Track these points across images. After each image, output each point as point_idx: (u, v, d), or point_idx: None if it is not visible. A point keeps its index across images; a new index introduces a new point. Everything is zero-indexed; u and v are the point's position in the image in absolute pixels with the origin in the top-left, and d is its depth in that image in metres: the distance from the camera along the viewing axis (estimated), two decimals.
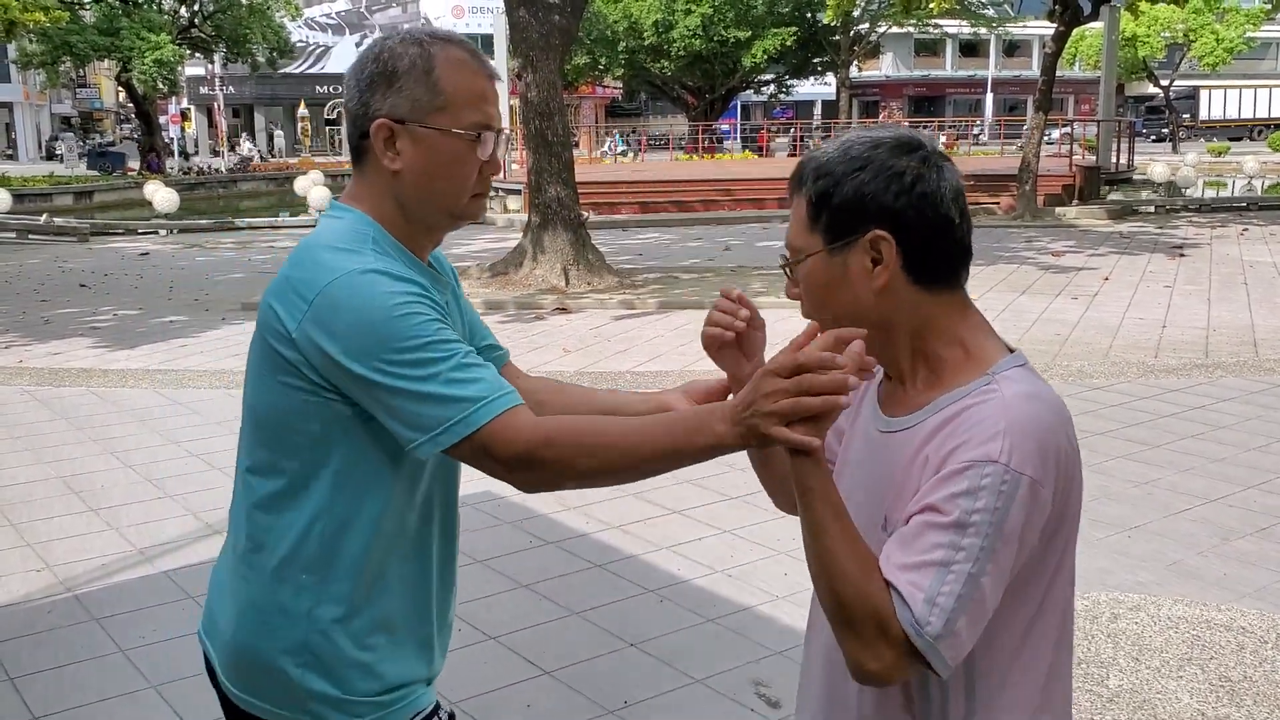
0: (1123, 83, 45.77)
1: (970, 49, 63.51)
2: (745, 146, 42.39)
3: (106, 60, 36.38)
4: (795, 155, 38.52)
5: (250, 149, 45.22)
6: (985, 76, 59.29)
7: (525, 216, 12.54)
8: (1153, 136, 52.73)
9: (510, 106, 21.70)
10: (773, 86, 48.17)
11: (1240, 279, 12.08)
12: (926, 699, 1.37)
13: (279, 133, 51.23)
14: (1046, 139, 25.52)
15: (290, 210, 24.52)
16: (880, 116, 58.56)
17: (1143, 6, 23.44)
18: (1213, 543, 4.65)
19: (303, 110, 49.27)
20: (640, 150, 40.99)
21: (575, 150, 15.25)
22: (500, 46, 23.86)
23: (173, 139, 41.38)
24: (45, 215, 20.53)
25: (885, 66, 64.26)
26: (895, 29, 46.03)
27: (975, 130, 48.88)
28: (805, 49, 43.80)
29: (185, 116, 46.97)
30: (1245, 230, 17.12)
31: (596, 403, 1.85)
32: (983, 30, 48.22)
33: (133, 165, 35.46)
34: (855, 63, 47.85)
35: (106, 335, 9.64)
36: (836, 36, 43.02)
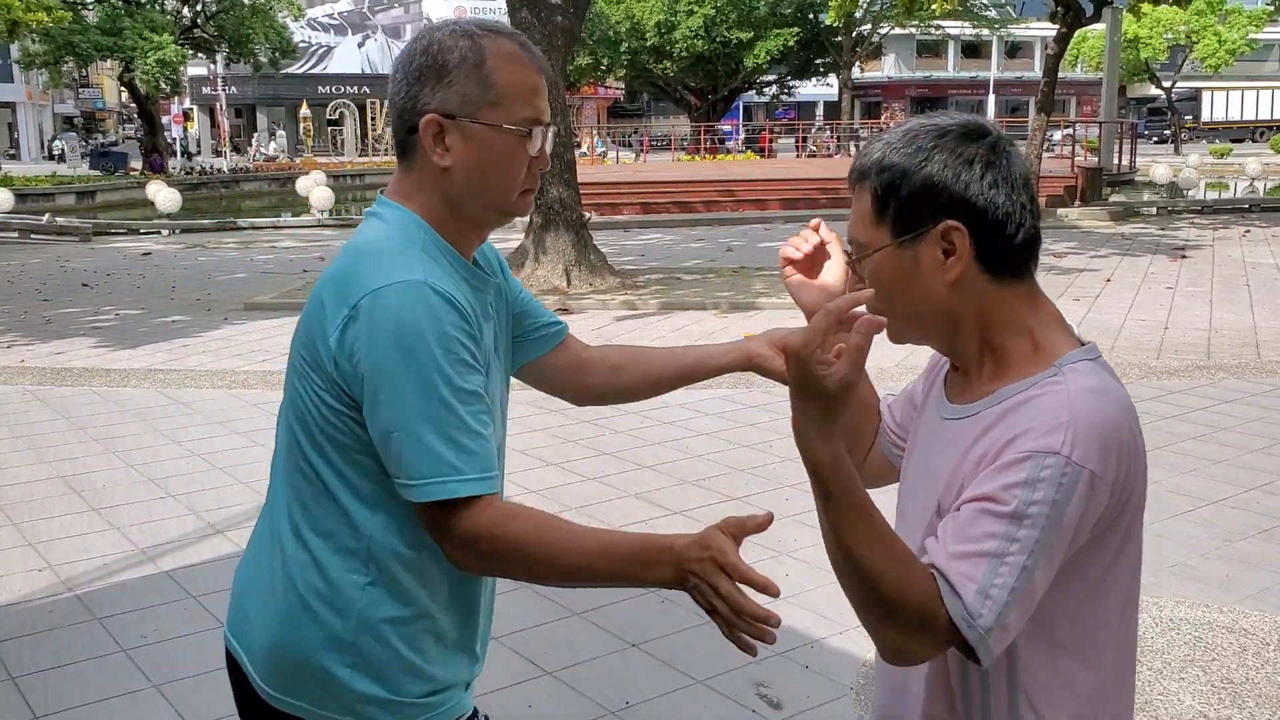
0: (1125, 84, 45.80)
1: (972, 50, 63.52)
2: (748, 147, 42.39)
3: (109, 60, 36.38)
4: (799, 156, 38.59)
5: (276, 148, 45.39)
6: (987, 78, 59.36)
7: (526, 217, 12.53)
8: (1155, 138, 52.70)
9: None
10: (775, 87, 48.21)
11: (1242, 281, 12.07)
12: (981, 705, 1.36)
13: (281, 133, 51.32)
14: (1048, 140, 25.56)
15: (292, 211, 24.55)
16: (882, 118, 58.55)
17: (1145, 8, 23.45)
18: (1215, 544, 4.65)
19: (305, 110, 49.31)
20: (643, 151, 40.99)
21: (577, 151, 15.26)
22: None
23: (175, 139, 41.45)
24: (48, 215, 20.54)
25: (887, 67, 64.30)
26: (897, 30, 46.12)
27: None
28: (807, 50, 43.83)
29: (188, 116, 47.08)
30: (1247, 232, 17.11)
31: (675, 363, 1.85)
32: (985, 32, 48.28)
33: (135, 165, 35.50)
34: (857, 64, 47.86)
35: (108, 335, 9.64)
36: (839, 37, 43.02)
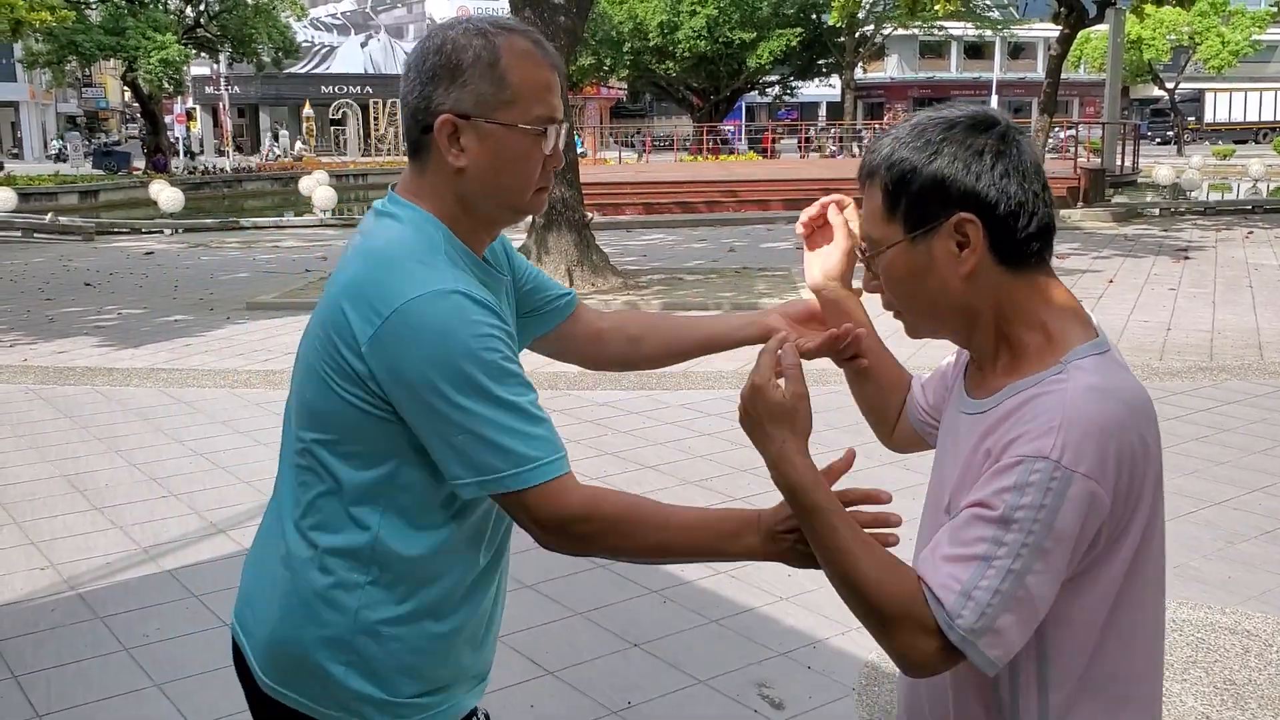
0: (1128, 85, 45.81)
1: (975, 51, 63.45)
2: (750, 148, 42.37)
3: (112, 60, 36.42)
4: (802, 156, 38.57)
5: (301, 146, 45.43)
6: (990, 79, 59.30)
7: (529, 217, 12.54)
8: (1158, 139, 52.67)
9: None
10: (777, 88, 48.18)
11: (1245, 282, 12.05)
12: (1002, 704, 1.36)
13: (284, 132, 51.33)
14: (1051, 141, 25.56)
15: (295, 210, 24.56)
16: (885, 118, 58.53)
17: (1148, 9, 23.44)
18: (1217, 546, 4.64)
19: (308, 110, 49.33)
20: (645, 151, 40.98)
21: (580, 151, 15.25)
22: None
23: (178, 138, 41.43)
24: (50, 214, 20.55)
25: (890, 68, 64.25)
26: (900, 31, 46.06)
27: None
28: (810, 50, 43.79)
29: (190, 116, 47.04)
30: (1250, 233, 17.08)
31: (694, 334, 1.89)
32: (988, 32, 48.22)
33: (138, 165, 35.52)
34: (860, 64, 47.83)
35: (111, 334, 9.65)
36: (841, 38, 43.00)
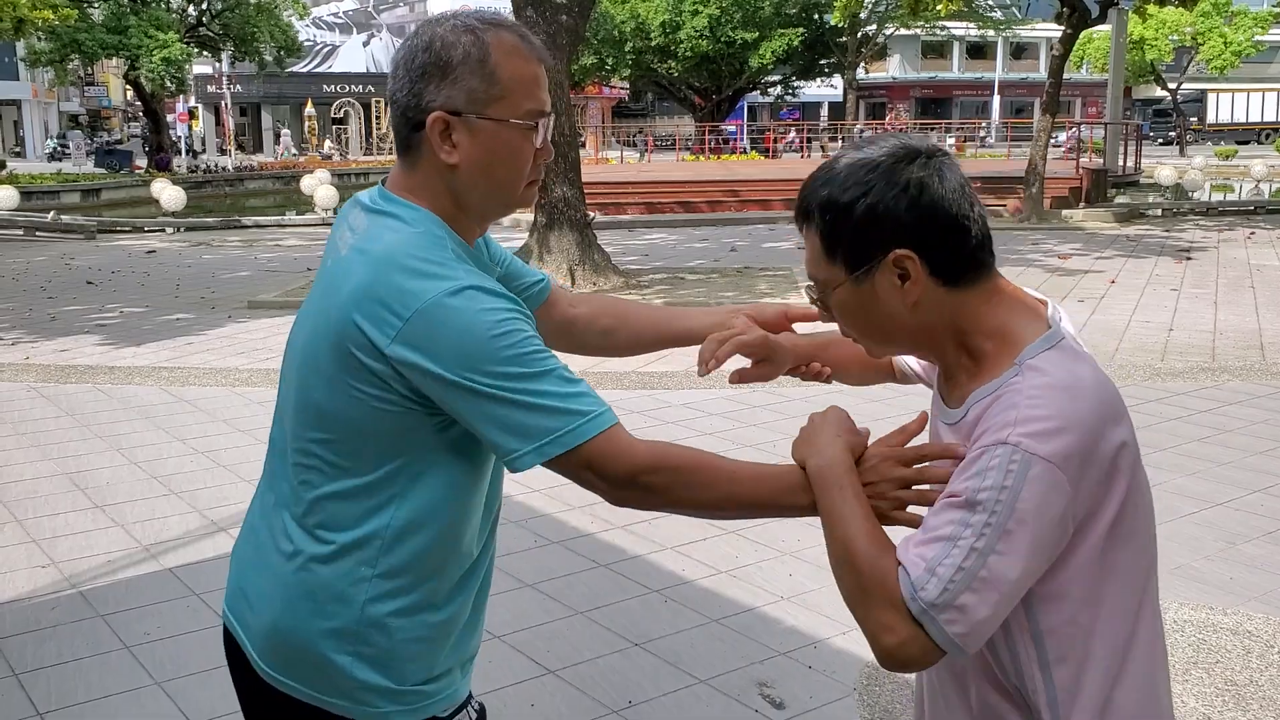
0: (1130, 86, 45.73)
1: (977, 51, 63.42)
2: (752, 147, 42.37)
3: (114, 58, 36.44)
4: (803, 156, 38.57)
5: (330, 146, 45.38)
6: (992, 79, 59.33)
7: (531, 216, 12.52)
8: (1160, 140, 52.64)
9: None
10: (779, 88, 48.17)
11: (1247, 283, 12.04)
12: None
13: (286, 131, 51.32)
14: (1053, 142, 25.54)
15: (297, 209, 24.57)
16: (887, 118, 58.53)
17: (1151, 9, 23.37)
18: (1218, 546, 4.64)
19: (310, 109, 49.35)
20: (647, 150, 40.98)
21: (582, 150, 15.25)
22: None
23: (180, 137, 41.46)
24: (52, 213, 20.56)
25: (892, 68, 64.24)
26: (902, 31, 46.04)
27: (982, 133, 48.85)
28: (812, 50, 43.76)
29: (193, 115, 47.05)
30: (1252, 234, 17.06)
31: (664, 329, 1.92)
32: (990, 32, 48.20)
33: (140, 163, 35.54)
34: (862, 64, 47.83)
35: (113, 332, 9.65)
36: (843, 38, 43.00)
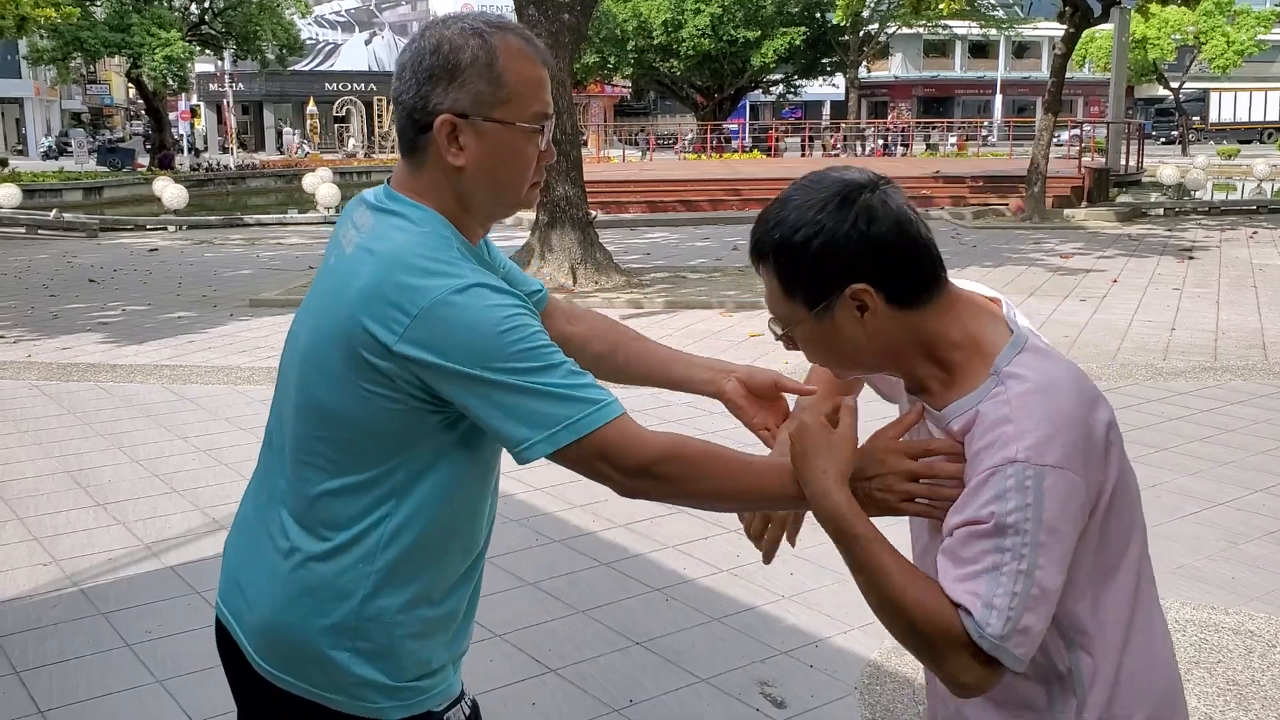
0: (1132, 85, 45.70)
1: (980, 50, 63.37)
2: (754, 146, 42.36)
3: (117, 57, 36.44)
4: (805, 155, 38.54)
5: (355, 144, 45.21)
6: (995, 78, 59.24)
7: (533, 215, 12.51)
8: (1162, 139, 52.60)
9: None
10: (781, 87, 48.14)
11: (1249, 282, 12.03)
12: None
13: (287, 130, 51.32)
14: (1056, 141, 25.50)
15: (299, 207, 24.58)
16: (889, 117, 58.48)
17: (1153, 8, 23.37)
18: (1220, 546, 4.63)
19: (312, 108, 49.36)
20: (649, 150, 40.97)
21: (584, 149, 15.24)
22: None
23: (182, 135, 41.48)
24: (55, 211, 20.56)
25: (894, 67, 64.19)
26: (904, 30, 46.01)
27: (984, 132, 48.81)
28: (814, 49, 43.75)
29: (195, 113, 47.08)
30: (1255, 233, 17.05)
31: (654, 374, 1.89)
32: (992, 31, 48.20)
33: (142, 161, 35.55)
34: (864, 63, 47.79)
35: (114, 330, 9.66)
36: (845, 37, 42.98)
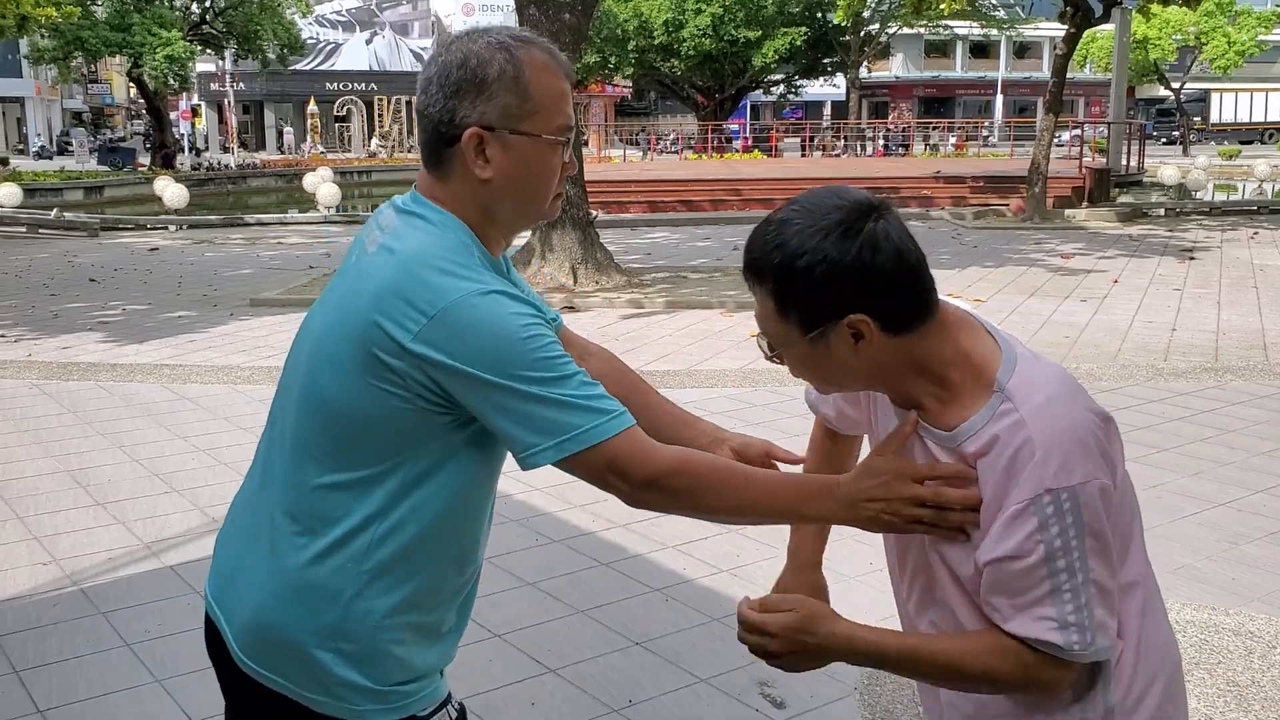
0: (1133, 85, 45.68)
1: (981, 50, 63.36)
2: (755, 146, 42.37)
3: (118, 56, 36.48)
4: (805, 155, 38.54)
5: (377, 144, 44.84)
6: (995, 78, 59.20)
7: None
8: (1163, 139, 52.59)
9: None
10: (782, 87, 48.14)
11: (1251, 283, 12.02)
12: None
13: (289, 130, 51.31)
14: (1056, 141, 25.49)
15: (300, 207, 24.58)
16: (889, 117, 58.47)
17: (1154, 9, 23.34)
18: (1221, 547, 4.63)
19: (312, 107, 49.35)
20: (650, 150, 40.97)
21: (584, 149, 15.22)
22: None
23: (183, 135, 41.48)
24: (55, 210, 20.56)
25: (895, 67, 64.19)
26: (905, 30, 45.99)
27: (985, 132, 48.80)
28: (815, 49, 43.75)
29: (196, 113, 47.05)
30: (1256, 234, 17.04)
31: (654, 420, 1.77)
32: (993, 32, 48.15)
33: (143, 161, 35.56)
34: (865, 63, 47.78)
35: (115, 330, 9.66)
36: (846, 37, 42.96)
